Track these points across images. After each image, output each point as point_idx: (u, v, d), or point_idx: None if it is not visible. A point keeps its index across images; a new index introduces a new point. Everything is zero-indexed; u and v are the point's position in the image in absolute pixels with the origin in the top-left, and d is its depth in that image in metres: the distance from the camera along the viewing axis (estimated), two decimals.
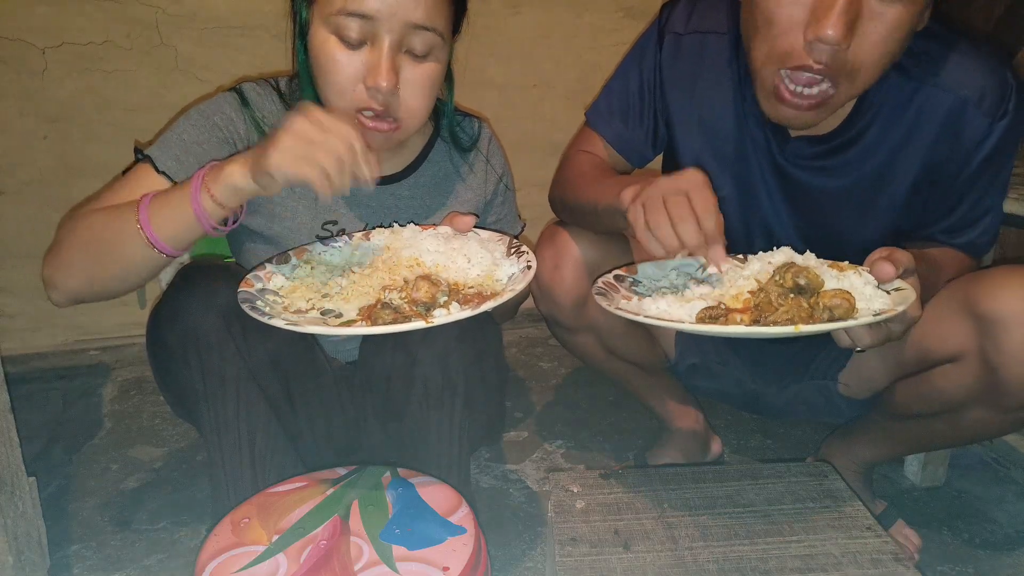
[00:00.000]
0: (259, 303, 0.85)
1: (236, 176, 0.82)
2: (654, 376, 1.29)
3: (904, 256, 0.84)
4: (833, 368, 1.21)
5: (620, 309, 0.83)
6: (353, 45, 0.90)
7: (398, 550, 0.77)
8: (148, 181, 0.94)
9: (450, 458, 1.00)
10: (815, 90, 0.88)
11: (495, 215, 1.18)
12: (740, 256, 0.99)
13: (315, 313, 0.86)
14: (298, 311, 0.87)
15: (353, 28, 0.88)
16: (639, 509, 0.89)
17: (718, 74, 1.05)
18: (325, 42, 0.91)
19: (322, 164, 0.77)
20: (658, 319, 0.81)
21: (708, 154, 1.09)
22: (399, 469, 0.93)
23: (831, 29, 0.82)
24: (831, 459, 1.21)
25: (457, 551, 0.77)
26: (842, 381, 1.21)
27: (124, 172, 1.11)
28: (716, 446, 1.38)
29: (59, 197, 1.70)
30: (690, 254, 0.85)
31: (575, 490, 0.93)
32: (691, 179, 0.85)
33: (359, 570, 0.74)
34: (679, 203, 0.83)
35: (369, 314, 0.83)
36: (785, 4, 0.86)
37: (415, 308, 0.83)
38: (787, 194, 1.07)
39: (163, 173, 0.94)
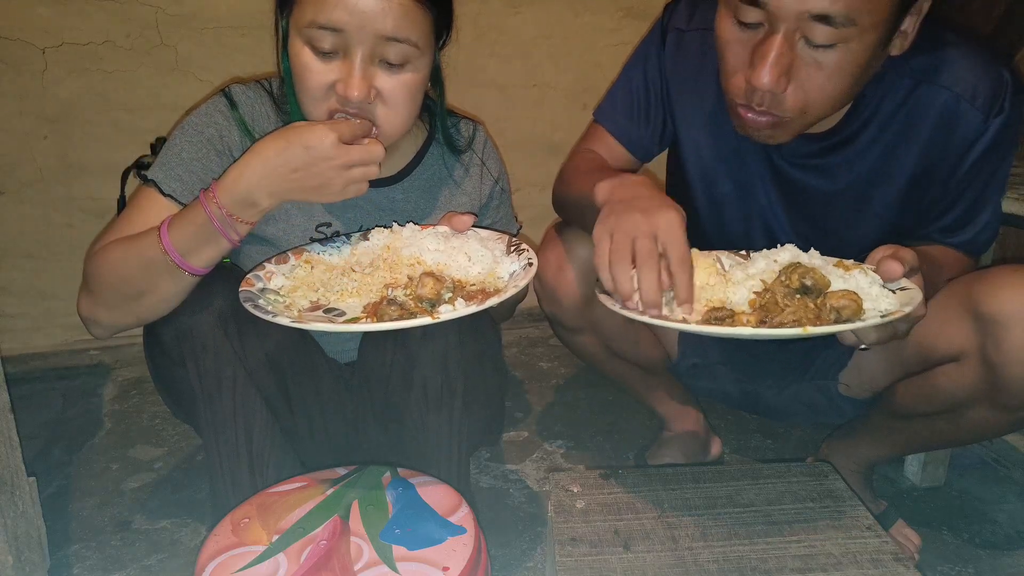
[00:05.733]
0: (261, 302, 0.85)
1: (265, 203, 0.87)
2: (655, 376, 1.29)
3: (909, 254, 0.84)
4: (834, 368, 1.21)
5: (625, 309, 0.82)
6: (325, 56, 0.90)
7: (398, 550, 0.77)
8: (157, 206, 0.95)
9: (450, 458, 1.00)
10: (767, 115, 0.90)
11: (491, 218, 1.18)
12: (743, 252, 0.98)
13: (318, 312, 0.86)
14: (300, 310, 0.87)
15: (324, 40, 0.89)
16: (639, 509, 0.89)
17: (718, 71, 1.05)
18: (300, 52, 0.91)
19: (363, 180, 0.89)
20: (663, 320, 0.80)
21: (709, 150, 1.09)
22: (399, 469, 0.93)
23: (764, 78, 0.84)
24: (831, 459, 1.21)
25: (457, 551, 0.77)
26: (843, 381, 1.20)
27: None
28: (716, 446, 1.38)
29: (59, 197, 1.70)
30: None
31: (575, 490, 0.93)
32: (667, 224, 0.82)
33: (359, 570, 0.74)
34: (648, 241, 0.81)
35: (374, 311, 0.83)
36: (732, 44, 0.89)
37: (420, 304, 0.83)
38: (783, 192, 1.08)
39: (169, 196, 0.95)
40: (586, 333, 1.18)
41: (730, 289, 0.86)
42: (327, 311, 0.86)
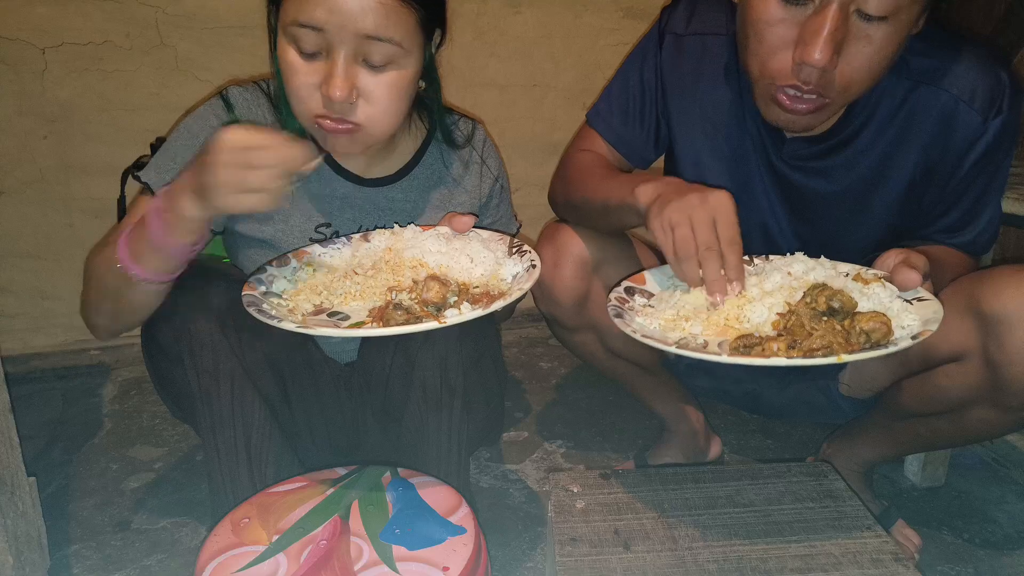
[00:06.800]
0: (265, 306, 0.85)
1: (190, 210, 0.81)
2: (654, 375, 1.29)
3: (920, 260, 0.84)
4: (834, 368, 1.21)
5: (647, 337, 0.80)
6: (309, 55, 0.90)
7: (398, 550, 0.77)
8: None
9: (449, 459, 1.00)
10: (811, 96, 0.89)
11: (491, 217, 1.18)
12: (746, 258, 0.98)
13: (322, 316, 0.86)
14: (304, 314, 0.87)
15: (307, 39, 0.89)
16: (639, 509, 0.89)
17: (718, 75, 1.05)
18: (285, 52, 0.91)
19: (263, 189, 0.78)
20: (691, 351, 0.77)
21: (707, 154, 1.09)
22: (399, 469, 0.93)
23: (818, 54, 0.83)
24: (831, 459, 1.21)
25: (457, 551, 0.77)
26: (843, 381, 1.21)
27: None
28: (716, 446, 1.38)
29: (59, 197, 1.69)
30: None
31: (575, 490, 0.93)
32: (718, 203, 0.83)
33: (359, 570, 0.74)
34: (707, 230, 0.82)
35: (380, 315, 0.83)
36: (775, 24, 0.87)
37: (426, 308, 0.83)
38: (783, 194, 1.08)
39: None
40: (584, 332, 1.18)
41: (747, 307, 0.85)
42: (331, 315, 0.86)
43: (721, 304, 0.84)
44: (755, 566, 0.78)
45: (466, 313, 0.81)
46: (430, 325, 0.78)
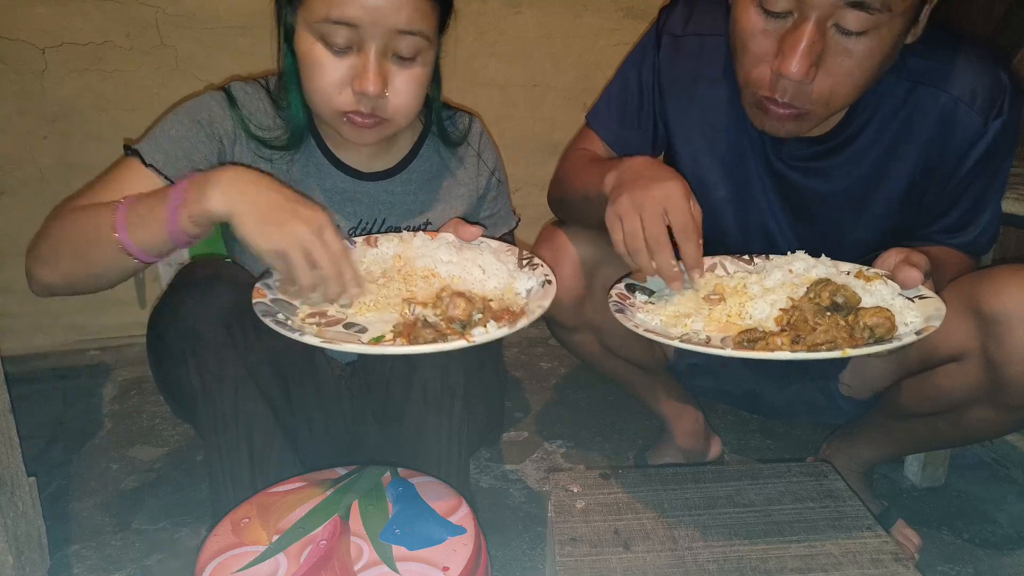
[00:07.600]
0: (280, 315, 0.84)
1: (215, 204, 0.80)
2: (654, 376, 1.29)
3: (922, 259, 0.85)
4: (834, 368, 1.21)
5: (650, 331, 0.81)
6: (339, 51, 0.90)
7: (398, 550, 0.77)
8: (136, 176, 0.95)
9: (450, 459, 1.00)
10: (791, 108, 0.90)
11: (489, 210, 1.18)
12: (746, 257, 0.98)
13: (338, 327, 0.85)
14: (319, 325, 0.85)
15: (339, 35, 0.89)
16: (639, 509, 0.89)
17: (716, 76, 1.05)
18: (312, 48, 0.91)
19: (301, 241, 0.79)
20: (695, 345, 0.77)
21: (706, 155, 1.09)
22: (399, 469, 0.93)
23: (794, 67, 0.84)
24: (831, 459, 1.21)
25: (457, 551, 0.77)
26: (843, 381, 1.21)
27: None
28: (716, 446, 1.38)
29: (59, 197, 1.66)
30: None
31: (575, 490, 0.93)
32: (665, 194, 0.84)
33: (359, 570, 0.74)
34: (656, 223, 0.83)
35: (408, 333, 0.82)
36: (757, 34, 0.88)
37: (451, 325, 0.83)
38: (783, 195, 1.08)
39: (151, 166, 0.94)
40: (583, 332, 1.18)
41: (749, 304, 0.85)
42: (347, 326, 0.85)
43: (683, 289, 0.86)
44: (755, 566, 0.78)
45: (492, 331, 0.80)
46: (458, 344, 0.78)
